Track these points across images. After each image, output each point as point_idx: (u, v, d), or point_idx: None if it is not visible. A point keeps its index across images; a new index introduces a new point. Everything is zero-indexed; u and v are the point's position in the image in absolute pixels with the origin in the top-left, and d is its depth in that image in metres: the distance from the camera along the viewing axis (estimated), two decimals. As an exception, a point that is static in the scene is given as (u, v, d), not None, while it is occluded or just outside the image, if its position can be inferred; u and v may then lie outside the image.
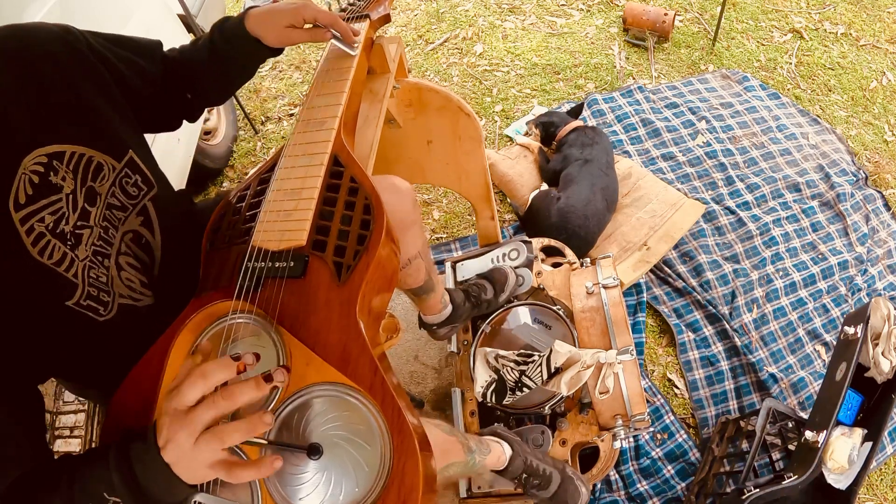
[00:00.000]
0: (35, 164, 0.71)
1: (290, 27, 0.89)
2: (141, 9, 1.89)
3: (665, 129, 2.33)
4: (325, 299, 0.70)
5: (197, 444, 0.55)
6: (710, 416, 1.70)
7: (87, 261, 0.76)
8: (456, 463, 1.05)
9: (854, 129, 2.39)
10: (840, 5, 2.88)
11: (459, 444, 1.07)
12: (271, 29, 0.89)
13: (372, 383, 0.64)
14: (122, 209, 0.83)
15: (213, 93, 1.00)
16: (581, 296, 1.48)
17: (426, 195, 2.25)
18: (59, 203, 0.73)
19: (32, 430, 0.70)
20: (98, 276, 0.77)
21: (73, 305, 0.73)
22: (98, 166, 0.78)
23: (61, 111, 0.75)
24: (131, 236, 0.85)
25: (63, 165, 0.74)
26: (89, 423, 1.59)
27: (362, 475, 0.62)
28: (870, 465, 1.25)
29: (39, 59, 0.75)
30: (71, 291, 0.73)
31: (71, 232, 0.74)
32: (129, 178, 0.83)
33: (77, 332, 0.75)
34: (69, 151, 0.75)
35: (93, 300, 0.76)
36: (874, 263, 2.02)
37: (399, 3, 3.10)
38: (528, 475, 1.25)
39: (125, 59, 0.85)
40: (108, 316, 0.78)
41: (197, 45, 0.94)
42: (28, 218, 0.69)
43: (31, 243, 0.69)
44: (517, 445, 1.27)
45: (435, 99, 1.34)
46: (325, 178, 0.80)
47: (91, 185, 0.77)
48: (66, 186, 0.74)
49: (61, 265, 0.72)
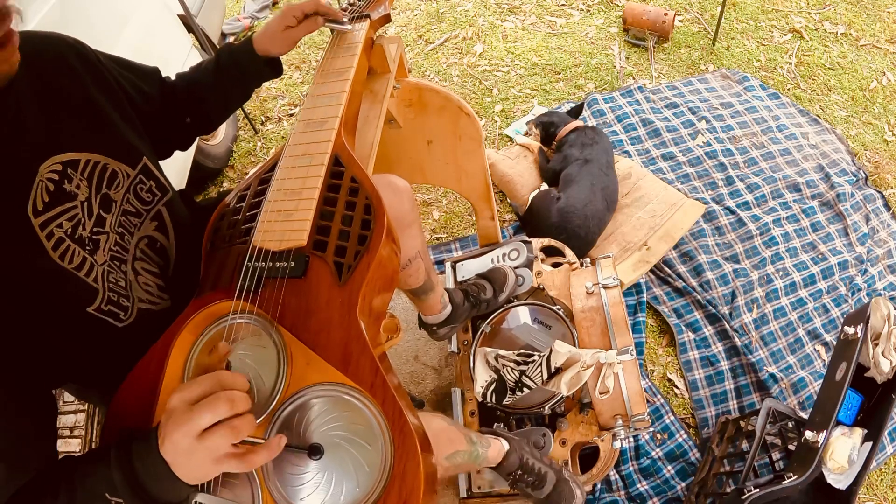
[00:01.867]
0: (51, 171, 0.71)
1: (286, 30, 0.96)
2: (141, 9, 1.89)
3: (665, 129, 2.32)
4: (325, 299, 0.70)
5: (201, 439, 0.55)
6: (710, 416, 1.70)
7: (106, 265, 0.77)
8: (461, 451, 1.06)
9: (854, 129, 2.39)
10: (840, 5, 2.89)
11: (462, 434, 1.09)
12: (275, 39, 0.96)
13: (373, 383, 0.64)
14: (136, 215, 0.84)
15: (213, 114, 1.04)
16: (581, 296, 1.48)
17: (426, 195, 2.25)
18: (74, 210, 0.73)
19: (46, 435, 0.71)
20: (117, 281, 0.78)
21: (94, 311, 0.74)
22: (113, 174, 0.80)
23: (76, 119, 0.76)
24: (146, 241, 0.86)
25: (77, 173, 0.75)
26: (89, 423, 1.59)
27: (363, 475, 0.62)
28: (870, 465, 1.25)
29: (54, 68, 0.77)
30: (92, 297, 0.74)
31: (89, 237, 0.75)
32: (143, 184, 0.85)
33: (97, 338, 0.76)
34: (84, 159, 0.76)
35: (113, 305, 0.77)
36: (874, 263, 2.02)
37: (399, 3, 3.10)
38: (523, 472, 1.25)
39: (129, 80, 0.88)
40: (128, 321, 0.79)
41: (200, 68, 1.00)
42: (47, 224, 0.70)
43: (52, 248, 0.70)
44: (514, 443, 1.27)
45: (435, 99, 1.34)
46: (326, 178, 0.80)
47: (106, 193, 0.78)
48: (81, 194, 0.75)
49: (81, 269, 0.73)
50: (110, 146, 0.80)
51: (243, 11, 3.44)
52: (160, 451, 0.56)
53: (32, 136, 0.70)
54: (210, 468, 0.57)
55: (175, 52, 2.07)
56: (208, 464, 0.56)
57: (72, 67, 0.78)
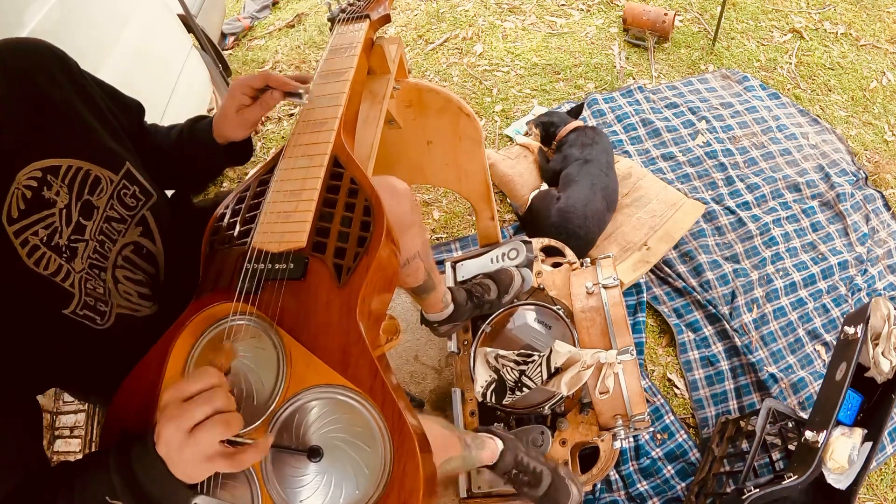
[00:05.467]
0: (29, 178, 0.71)
1: (240, 110, 0.87)
2: (141, 9, 1.89)
3: (665, 129, 2.32)
4: (325, 301, 0.70)
5: (192, 434, 0.56)
6: (710, 416, 1.70)
7: (84, 273, 0.76)
8: (454, 458, 1.06)
9: (854, 129, 2.39)
10: (840, 5, 2.88)
11: (457, 439, 1.08)
12: (229, 122, 0.89)
13: (372, 385, 0.64)
14: (121, 221, 0.83)
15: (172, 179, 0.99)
16: (581, 296, 1.48)
17: (426, 195, 2.25)
18: (51, 218, 0.73)
19: (31, 439, 0.70)
20: (95, 288, 0.78)
21: (70, 314, 0.74)
22: (95, 180, 0.79)
23: (58, 126, 0.76)
24: (131, 248, 0.85)
25: (58, 180, 0.74)
26: (89, 423, 1.59)
27: (363, 477, 0.62)
28: (870, 465, 1.25)
29: (38, 75, 0.76)
30: (67, 300, 0.73)
31: (66, 245, 0.74)
32: (127, 189, 0.84)
33: (75, 339, 0.76)
34: (65, 165, 0.75)
35: (89, 309, 0.76)
36: (874, 263, 2.02)
37: (399, 3, 3.10)
38: (519, 471, 1.25)
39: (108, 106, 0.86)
40: (106, 325, 0.78)
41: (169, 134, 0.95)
42: (22, 231, 0.69)
43: (27, 254, 0.69)
44: (509, 442, 1.27)
45: (435, 99, 1.34)
46: (325, 179, 0.80)
47: (88, 199, 0.78)
48: (60, 201, 0.74)
49: (58, 275, 0.72)
50: (92, 152, 0.79)
51: (243, 11, 3.44)
52: (156, 449, 0.57)
53: (9, 143, 0.69)
54: (202, 465, 0.57)
55: (175, 52, 2.07)
56: (200, 460, 0.57)
57: (54, 75, 0.77)
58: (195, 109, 2.16)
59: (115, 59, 1.69)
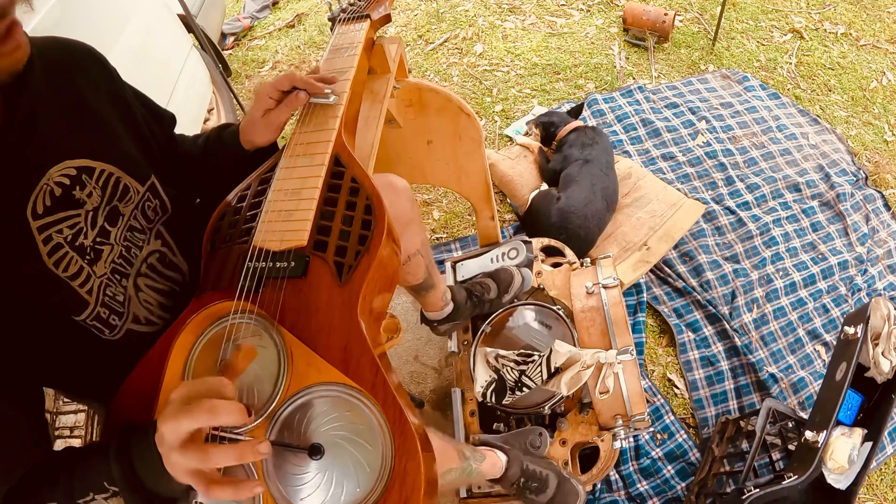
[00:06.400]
0: (62, 175, 0.70)
1: (266, 114, 0.87)
2: (141, 9, 1.89)
3: (665, 129, 2.33)
4: (326, 299, 0.70)
5: (182, 451, 0.55)
6: (710, 416, 1.70)
7: (105, 278, 0.76)
8: (453, 469, 1.05)
9: (854, 129, 2.39)
10: (840, 5, 2.89)
11: (454, 450, 1.08)
12: (256, 127, 0.88)
13: (373, 383, 0.64)
14: (141, 232, 0.83)
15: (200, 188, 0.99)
16: (581, 296, 1.48)
17: (426, 195, 2.25)
18: (77, 218, 0.72)
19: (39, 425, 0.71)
20: (115, 295, 0.77)
21: (80, 321, 0.73)
22: (125, 188, 0.79)
23: (93, 128, 0.76)
24: (157, 256, 0.85)
25: (92, 181, 0.74)
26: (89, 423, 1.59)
27: (364, 475, 0.62)
28: (870, 465, 1.25)
29: (78, 76, 0.76)
30: (81, 308, 0.73)
31: (91, 247, 0.74)
32: (150, 202, 0.84)
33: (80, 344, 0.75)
34: (99, 168, 0.75)
35: (100, 321, 0.75)
36: (874, 263, 2.02)
37: (399, 3, 3.10)
38: (527, 479, 1.25)
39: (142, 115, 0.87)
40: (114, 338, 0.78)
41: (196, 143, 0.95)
42: (46, 227, 0.69)
43: (48, 253, 0.69)
44: (512, 452, 1.27)
45: (435, 99, 1.34)
46: (327, 178, 0.80)
47: (116, 205, 0.78)
48: (90, 203, 0.74)
49: (76, 279, 0.72)
50: (124, 160, 0.79)
51: (243, 11, 3.44)
52: (155, 441, 0.57)
53: (44, 139, 0.69)
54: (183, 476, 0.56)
55: (175, 52, 2.07)
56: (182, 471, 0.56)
57: (93, 79, 0.78)
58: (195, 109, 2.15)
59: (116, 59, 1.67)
